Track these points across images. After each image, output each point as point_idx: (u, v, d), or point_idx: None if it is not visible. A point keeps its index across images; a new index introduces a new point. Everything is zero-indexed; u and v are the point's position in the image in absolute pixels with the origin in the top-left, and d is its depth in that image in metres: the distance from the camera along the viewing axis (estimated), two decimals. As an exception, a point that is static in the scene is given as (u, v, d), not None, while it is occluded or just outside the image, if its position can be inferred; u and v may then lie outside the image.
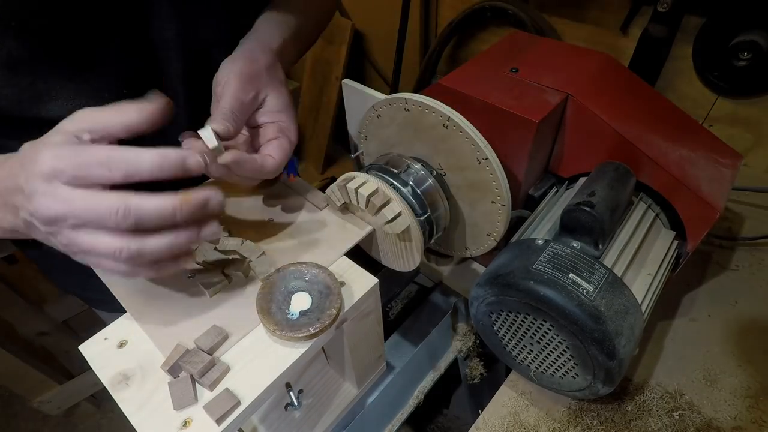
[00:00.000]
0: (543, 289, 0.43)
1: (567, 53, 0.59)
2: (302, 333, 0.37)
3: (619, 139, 0.51)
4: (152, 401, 0.36)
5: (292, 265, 0.42)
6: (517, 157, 0.52)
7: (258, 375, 0.37)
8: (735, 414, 0.53)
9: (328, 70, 1.81)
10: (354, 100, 0.58)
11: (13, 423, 1.55)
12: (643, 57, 0.88)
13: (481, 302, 0.50)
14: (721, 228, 0.74)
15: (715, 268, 0.68)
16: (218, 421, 0.34)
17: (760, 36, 0.74)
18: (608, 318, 0.42)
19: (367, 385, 0.57)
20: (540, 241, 0.48)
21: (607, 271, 0.45)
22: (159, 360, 0.39)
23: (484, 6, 1.13)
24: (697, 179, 0.51)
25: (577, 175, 0.57)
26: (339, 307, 0.39)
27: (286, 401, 0.55)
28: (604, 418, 0.53)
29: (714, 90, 0.87)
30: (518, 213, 0.57)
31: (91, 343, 0.41)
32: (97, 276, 0.44)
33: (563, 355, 0.46)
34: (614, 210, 0.47)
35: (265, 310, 0.39)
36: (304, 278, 0.42)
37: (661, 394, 0.54)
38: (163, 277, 0.42)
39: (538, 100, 0.50)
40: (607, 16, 0.96)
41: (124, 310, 0.43)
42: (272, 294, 0.40)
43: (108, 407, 1.60)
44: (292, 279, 0.42)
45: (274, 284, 0.41)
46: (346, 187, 0.46)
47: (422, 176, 0.51)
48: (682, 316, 0.63)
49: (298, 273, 0.42)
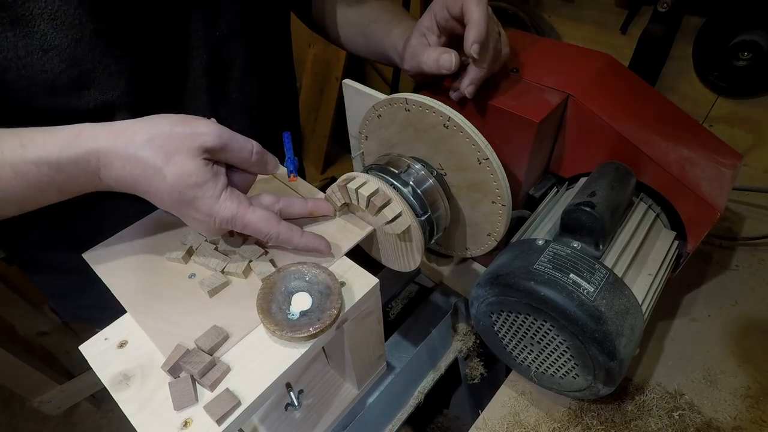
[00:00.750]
0: (543, 290, 0.43)
1: (567, 53, 0.59)
2: (302, 333, 0.37)
3: (619, 139, 0.51)
4: (152, 401, 0.36)
5: (292, 265, 0.42)
6: (517, 157, 0.52)
7: (258, 375, 0.37)
8: (735, 414, 0.53)
9: (328, 70, 1.81)
10: (354, 100, 0.57)
11: (13, 423, 1.55)
12: (643, 57, 0.88)
13: (481, 302, 0.50)
14: (721, 228, 0.74)
15: (715, 268, 0.68)
16: (218, 422, 0.34)
17: (760, 36, 0.74)
18: (609, 318, 0.42)
19: (367, 385, 0.57)
20: (540, 241, 0.48)
21: (607, 272, 0.45)
22: (159, 360, 0.39)
23: (484, 6, 1.13)
24: (698, 179, 0.51)
25: (578, 175, 0.57)
26: (339, 307, 0.39)
27: (286, 401, 0.55)
28: (604, 418, 0.53)
29: (714, 90, 0.87)
30: (518, 213, 0.57)
31: (91, 343, 0.41)
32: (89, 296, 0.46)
33: (564, 355, 0.46)
34: (615, 210, 0.47)
35: (266, 311, 0.39)
36: (305, 278, 0.41)
37: (661, 394, 0.55)
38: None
39: (538, 100, 0.50)
40: (607, 16, 0.96)
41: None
42: (273, 294, 0.40)
43: (108, 407, 1.60)
44: (292, 279, 0.41)
45: (275, 284, 0.41)
46: (347, 188, 0.46)
47: (423, 176, 0.51)
48: (682, 316, 0.63)
49: (299, 273, 0.42)
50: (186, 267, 0.46)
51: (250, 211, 0.41)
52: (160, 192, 0.38)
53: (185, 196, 0.38)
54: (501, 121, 0.50)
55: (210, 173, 0.39)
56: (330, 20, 0.70)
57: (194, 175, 0.37)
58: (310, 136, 2.04)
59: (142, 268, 0.46)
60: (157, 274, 0.45)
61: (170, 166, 0.37)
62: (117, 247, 0.48)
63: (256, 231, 0.41)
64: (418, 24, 0.53)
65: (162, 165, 0.37)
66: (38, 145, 0.37)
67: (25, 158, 0.36)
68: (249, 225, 0.41)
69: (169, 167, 0.37)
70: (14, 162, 0.36)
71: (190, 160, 0.37)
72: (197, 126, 0.38)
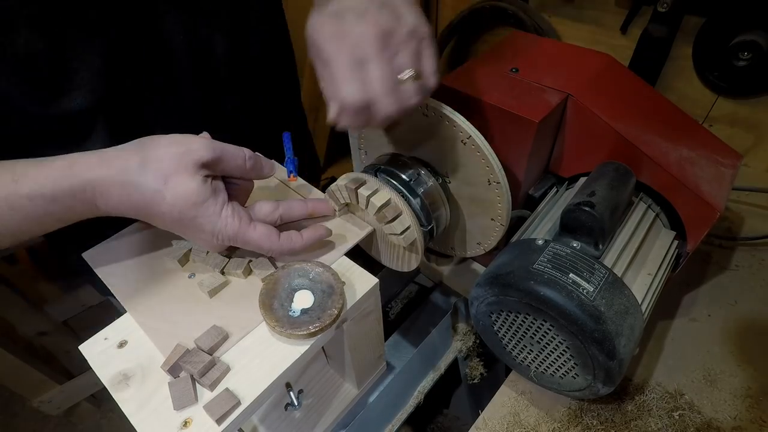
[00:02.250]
0: (543, 289, 0.43)
1: (567, 53, 0.59)
2: (302, 331, 0.37)
3: (619, 139, 0.51)
4: (152, 401, 0.36)
5: (297, 263, 0.42)
6: (517, 157, 0.52)
7: (258, 375, 0.37)
8: (735, 414, 0.53)
9: (328, 70, 1.81)
10: (354, 100, 0.57)
11: (13, 423, 1.55)
12: (643, 57, 0.88)
13: (481, 302, 0.50)
14: (721, 228, 0.74)
15: (715, 268, 0.68)
16: (218, 421, 0.34)
17: (760, 36, 0.74)
18: (608, 318, 0.42)
19: (367, 385, 0.57)
20: (540, 241, 0.48)
21: (607, 271, 0.45)
22: (159, 360, 0.39)
23: (484, 6, 1.13)
24: (697, 179, 0.51)
25: (577, 175, 0.57)
26: (340, 307, 0.39)
27: (286, 401, 0.55)
28: (604, 418, 0.53)
29: (714, 90, 0.87)
30: (518, 213, 0.57)
31: (91, 343, 0.41)
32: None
33: (563, 355, 0.46)
34: (614, 210, 0.47)
35: (268, 306, 0.39)
36: (308, 276, 0.42)
37: (661, 394, 0.54)
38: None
39: (538, 100, 0.50)
40: (607, 16, 0.96)
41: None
42: (276, 290, 0.40)
43: (108, 407, 1.60)
44: (296, 276, 0.42)
45: (279, 280, 0.41)
46: (358, 192, 0.46)
47: (432, 187, 0.51)
48: (682, 316, 0.63)
49: (303, 271, 0.42)
50: (186, 267, 0.46)
51: (251, 228, 0.41)
52: (162, 214, 0.38)
53: (186, 216, 0.38)
54: (501, 121, 0.50)
55: (209, 190, 0.38)
56: None
57: (194, 194, 0.37)
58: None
59: (142, 268, 0.46)
60: (157, 274, 0.45)
61: (169, 187, 0.37)
62: (117, 247, 0.48)
63: (258, 247, 0.42)
64: None
65: (160, 187, 0.37)
66: (31, 179, 0.36)
67: (19, 193, 0.36)
68: (251, 242, 0.41)
69: (167, 189, 0.37)
70: (8, 196, 0.36)
71: (189, 179, 0.37)
72: (189, 143, 0.38)
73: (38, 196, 0.36)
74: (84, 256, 0.47)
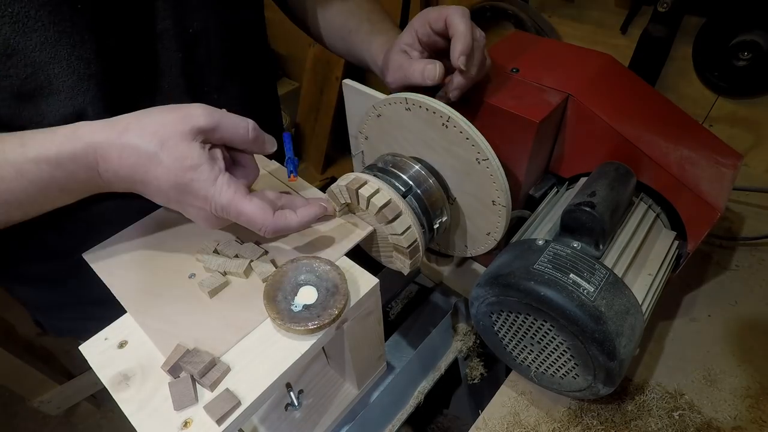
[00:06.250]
0: (543, 290, 0.43)
1: (567, 53, 0.59)
2: (300, 327, 0.37)
3: (619, 139, 0.51)
4: (152, 401, 0.36)
5: (306, 258, 0.42)
6: (517, 157, 0.52)
7: (258, 375, 0.37)
8: (735, 414, 0.53)
9: (328, 70, 1.81)
10: (354, 100, 0.57)
11: (13, 423, 1.55)
12: (643, 57, 0.88)
13: (481, 302, 0.50)
14: (721, 228, 0.74)
15: (715, 268, 0.68)
16: (219, 422, 0.34)
17: (760, 36, 0.75)
18: (609, 318, 0.42)
19: (367, 385, 0.57)
20: (540, 241, 0.48)
21: (607, 272, 0.45)
22: (159, 360, 0.38)
23: (484, 6, 1.13)
24: (698, 179, 0.51)
25: (578, 175, 0.57)
26: (342, 308, 0.39)
27: (286, 401, 0.55)
28: (604, 418, 0.53)
29: (714, 90, 0.87)
30: (518, 213, 0.57)
31: (91, 343, 0.41)
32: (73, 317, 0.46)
33: (564, 355, 0.46)
34: (615, 210, 0.47)
35: (271, 298, 0.39)
36: (315, 273, 0.41)
37: (661, 394, 0.55)
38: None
39: (538, 100, 0.50)
40: (607, 16, 0.96)
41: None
42: (282, 283, 0.40)
43: (108, 407, 1.60)
44: (303, 271, 0.41)
45: (286, 273, 0.41)
46: (358, 193, 0.46)
47: (432, 188, 0.51)
48: (682, 316, 0.63)
49: (310, 267, 0.42)
50: (186, 267, 0.46)
51: (247, 199, 0.40)
52: (157, 178, 0.38)
53: (181, 180, 0.38)
54: (501, 121, 0.50)
55: (205, 156, 0.39)
56: (312, 20, 0.69)
57: (189, 157, 0.38)
58: (310, 136, 2.04)
59: (142, 268, 0.46)
60: (157, 274, 0.45)
61: (165, 150, 0.37)
62: (117, 247, 0.48)
63: (250, 220, 0.40)
64: (398, 41, 0.53)
65: (157, 150, 0.37)
66: (38, 143, 0.37)
67: (26, 157, 0.37)
68: (243, 214, 0.40)
69: (164, 151, 0.37)
70: (15, 161, 0.37)
71: (185, 143, 0.38)
72: (188, 109, 0.39)
73: (43, 159, 0.37)
74: (84, 256, 0.47)
